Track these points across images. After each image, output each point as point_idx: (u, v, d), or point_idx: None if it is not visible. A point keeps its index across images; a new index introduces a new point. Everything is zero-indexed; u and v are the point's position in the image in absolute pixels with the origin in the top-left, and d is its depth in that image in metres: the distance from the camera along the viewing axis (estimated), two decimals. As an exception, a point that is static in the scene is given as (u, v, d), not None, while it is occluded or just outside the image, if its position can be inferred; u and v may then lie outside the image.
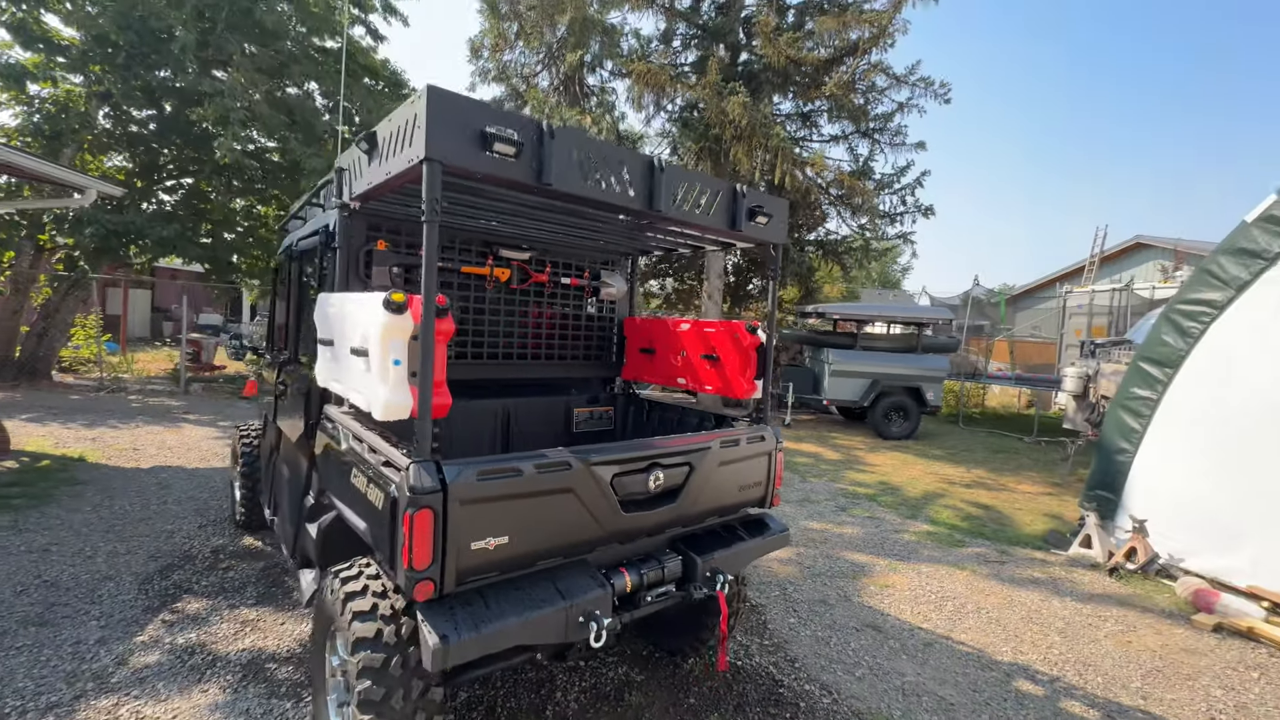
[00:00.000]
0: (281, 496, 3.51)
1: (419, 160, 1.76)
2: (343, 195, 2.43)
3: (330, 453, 2.54)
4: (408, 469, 1.79)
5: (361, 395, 2.03)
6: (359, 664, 1.94)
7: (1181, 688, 3.21)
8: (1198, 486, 4.69)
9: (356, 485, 2.14)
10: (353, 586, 2.11)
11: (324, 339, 2.43)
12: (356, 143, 2.19)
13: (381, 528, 1.91)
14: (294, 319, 3.46)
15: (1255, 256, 4.45)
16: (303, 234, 3.27)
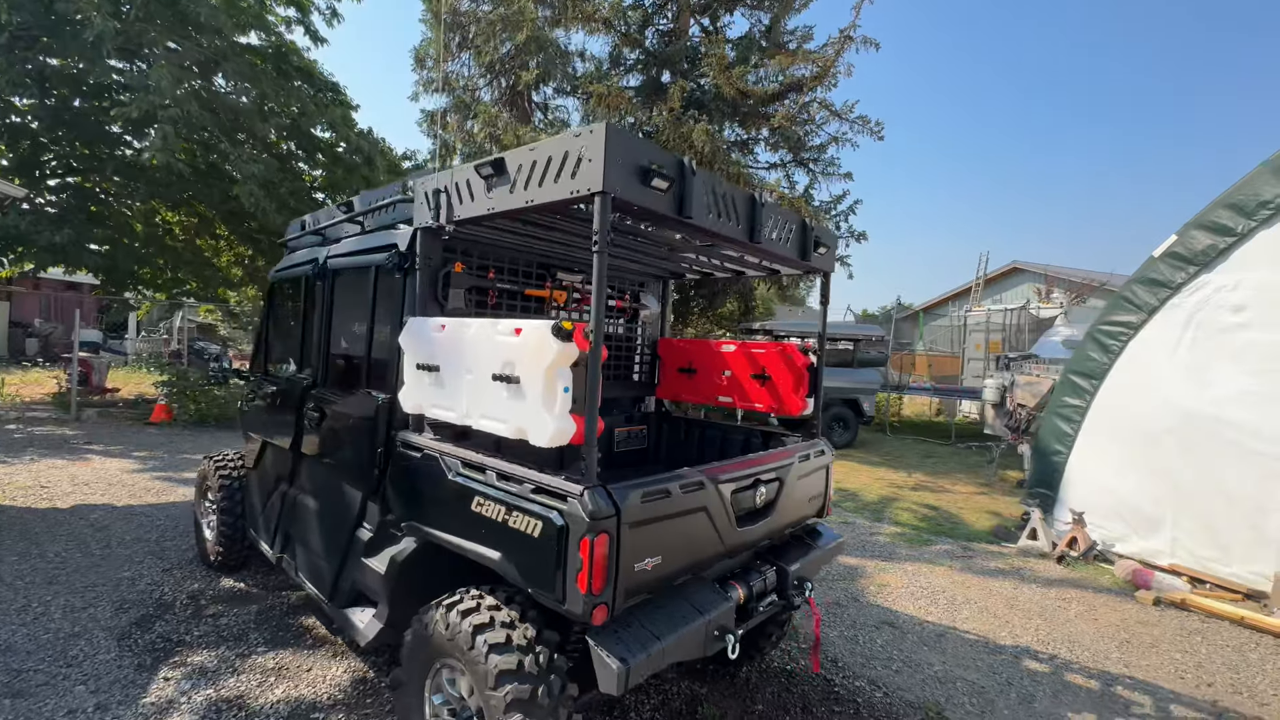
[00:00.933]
0: (305, 532, 3.27)
1: (591, 192, 1.81)
2: (440, 216, 2.38)
3: (417, 481, 2.44)
4: (583, 495, 1.80)
5: (506, 423, 2.01)
6: (507, 698, 1.90)
7: (1149, 655, 3.75)
8: (1123, 481, 5.48)
9: (483, 514, 2.10)
10: (479, 619, 2.06)
11: (424, 364, 2.36)
12: (477, 168, 2.18)
13: (536, 555, 1.90)
14: (322, 340, 3.26)
15: (1162, 286, 5.31)
16: (345, 251, 3.11)
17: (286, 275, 3.81)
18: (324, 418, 3.08)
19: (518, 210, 2.11)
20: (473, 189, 2.27)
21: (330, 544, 3.03)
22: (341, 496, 2.96)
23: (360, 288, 3.01)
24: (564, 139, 1.91)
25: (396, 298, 2.70)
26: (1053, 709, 3.10)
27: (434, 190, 2.42)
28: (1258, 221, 4.72)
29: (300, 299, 3.55)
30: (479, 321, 2.16)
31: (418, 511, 2.45)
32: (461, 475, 2.22)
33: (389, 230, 2.87)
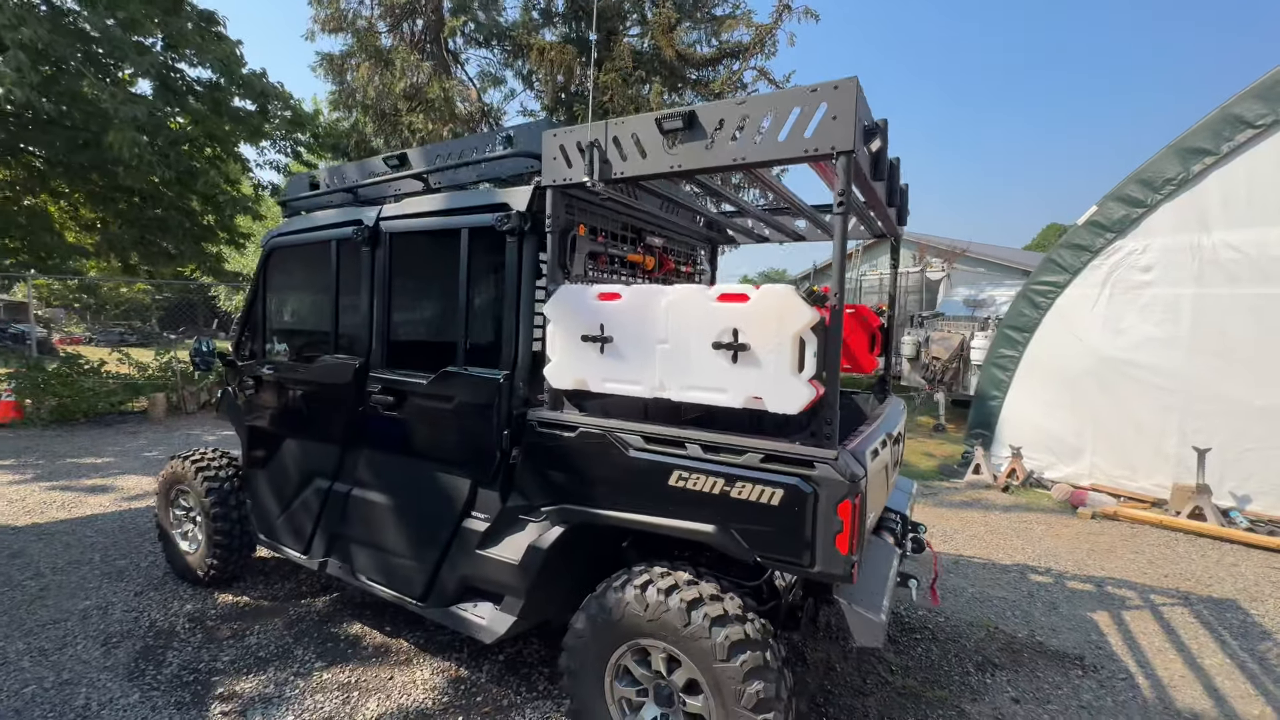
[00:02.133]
0: (374, 531, 2.91)
1: (837, 151, 1.76)
2: (594, 174, 2.17)
3: (571, 461, 2.27)
4: (838, 459, 1.80)
5: (727, 392, 1.93)
6: (744, 667, 1.90)
7: (1112, 558, 4.52)
8: (1050, 418, 6.41)
9: (687, 488, 2.01)
10: (687, 594, 2.01)
11: (590, 335, 2.17)
12: (661, 122, 2.01)
13: (776, 523, 1.87)
14: (380, 314, 2.86)
15: (1084, 250, 6.19)
16: (416, 211, 2.73)
17: (300, 240, 3.26)
18: (402, 403, 2.73)
19: (714, 169, 1.99)
20: (644, 145, 2.09)
21: (422, 541, 2.74)
22: (438, 487, 2.68)
23: (442, 253, 2.67)
24: (793, 94, 1.82)
25: (511, 263, 2.44)
26: (1075, 610, 3.66)
27: (584, 144, 2.19)
28: (1163, 195, 5.64)
29: (330, 268, 3.07)
30: (678, 289, 2.03)
31: (572, 493, 2.29)
32: (646, 451, 2.11)
33: (488, 189, 2.57)
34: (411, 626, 3.33)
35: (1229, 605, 3.79)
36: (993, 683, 2.91)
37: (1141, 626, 3.50)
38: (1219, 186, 5.36)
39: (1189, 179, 5.49)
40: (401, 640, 3.21)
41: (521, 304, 2.44)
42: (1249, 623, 3.57)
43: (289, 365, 3.31)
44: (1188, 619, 3.60)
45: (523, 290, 2.44)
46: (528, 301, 2.45)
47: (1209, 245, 5.41)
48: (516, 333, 2.45)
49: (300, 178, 3.47)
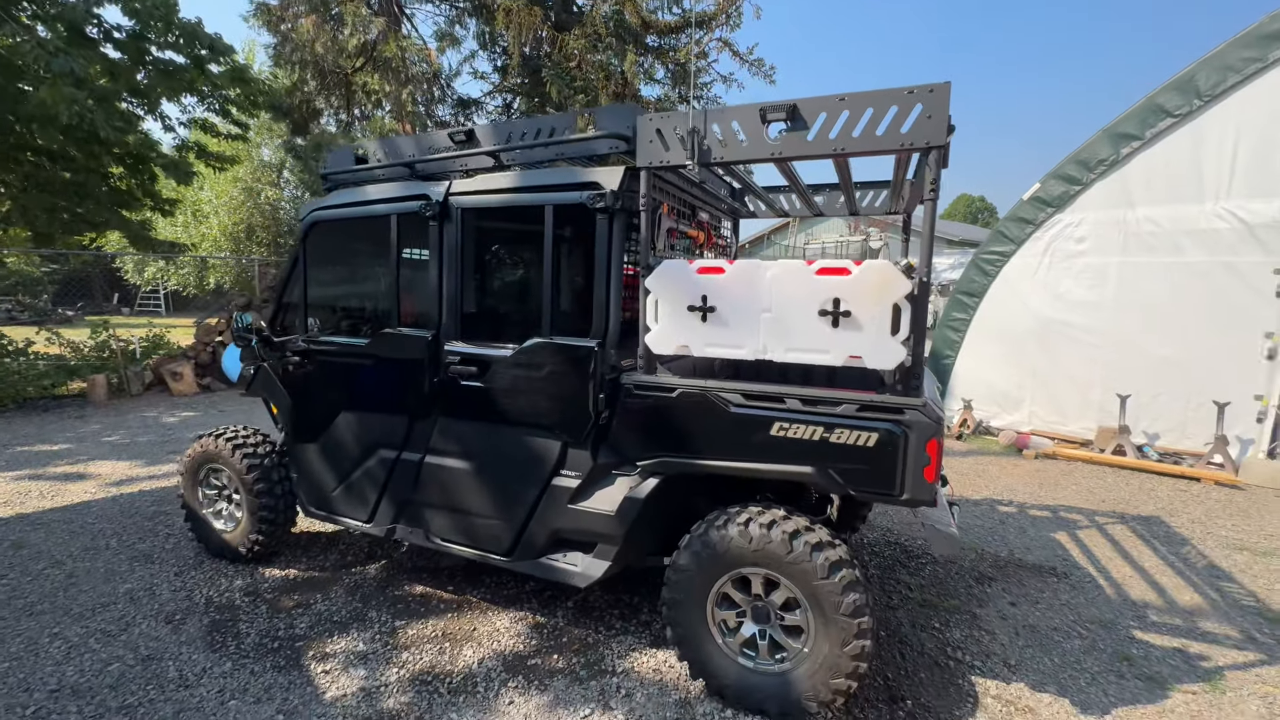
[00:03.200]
0: (454, 496, 3.05)
1: (930, 145, 2.07)
2: (694, 158, 2.38)
3: (671, 419, 2.53)
4: (926, 405, 2.16)
5: (829, 353, 2.24)
6: (843, 581, 2.27)
7: (1059, 490, 5.30)
8: (996, 373, 7.23)
9: (787, 436, 2.33)
10: (789, 526, 2.36)
11: (695, 305, 2.42)
12: (764, 112, 2.25)
13: (871, 462, 2.23)
14: (452, 288, 2.95)
15: (1027, 222, 6.93)
16: (495, 188, 2.83)
17: (350, 215, 3.26)
18: (485, 373, 2.87)
19: (813, 156, 2.26)
20: (745, 132, 2.32)
21: (508, 500, 2.93)
22: (526, 449, 2.86)
23: (522, 229, 2.81)
24: (892, 94, 2.10)
25: (602, 239, 2.62)
26: (1040, 533, 4.34)
27: (684, 129, 2.39)
28: (1096, 175, 6.40)
29: (390, 242, 3.11)
30: (780, 264, 2.30)
31: (672, 446, 2.56)
32: (747, 406, 2.41)
33: (573, 167, 2.71)
34: (473, 584, 3.52)
35: (1154, 521, 4.61)
36: (992, 593, 3.48)
37: (1092, 541, 4.22)
38: (1142, 168, 6.16)
39: (1118, 160, 6.26)
40: (469, 596, 3.40)
41: (612, 277, 2.64)
42: (1170, 533, 4.37)
43: (344, 340, 3.34)
44: (1125, 533, 4.36)
45: (613, 264, 2.63)
46: (617, 275, 2.64)
47: (1132, 219, 6.23)
48: (607, 304, 2.64)
49: (343, 152, 3.43)
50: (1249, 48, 5.51)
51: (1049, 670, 2.79)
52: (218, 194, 18.89)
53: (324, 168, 3.45)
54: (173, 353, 9.97)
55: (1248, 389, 5.63)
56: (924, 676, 2.73)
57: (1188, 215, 5.93)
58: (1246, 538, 4.30)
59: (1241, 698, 2.62)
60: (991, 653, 2.91)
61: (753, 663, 2.48)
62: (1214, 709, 2.55)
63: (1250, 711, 2.54)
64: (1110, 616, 3.24)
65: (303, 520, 4.26)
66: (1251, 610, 3.35)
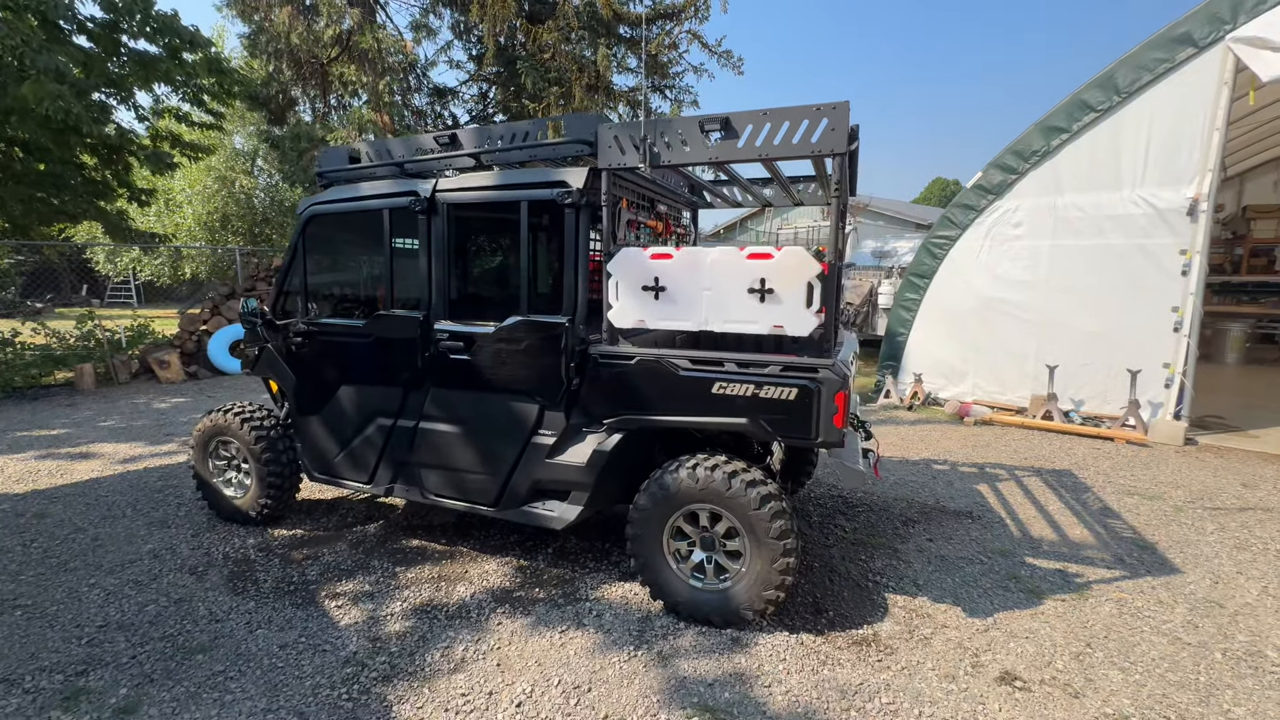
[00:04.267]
0: (445, 456, 3.49)
1: (835, 152, 2.55)
2: (645, 160, 2.82)
3: (631, 383, 3.00)
4: (834, 365, 2.66)
5: (757, 323, 2.73)
6: (771, 510, 2.77)
7: (989, 451, 5.91)
8: (943, 349, 7.83)
9: (726, 393, 2.81)
10: (729, 468, 2.85)
11: (648, 286, 2.88)
12: (703, 124, 2.70)
13: (793, 413, 2.72)
14: (441, 274, 3.37)
15: (970, 209, 7.49)
16: (476, 186, 3.24)
17: (345, 209, 3.64)
18: (471, 347, 3.31)
19: (742, 159, 2.72)
20: (688, 140, 2.77)
21: (494, 457, 3.38)
22: (508, 413, 3.31)
23: (500, 221, 3.23)
24: (802, 109, 2.57)
25: (570, 230, 3.06)
26: (966, 485, 4.93)
27: (636, 137, 2.83)
28: (1030, 164, 6.97)
29: (383, 234, 3.50)
30: (718, 250, 2.77)
31: (632, 406, 3.03)
32: (692, 370, 2.88)
33: (545, 168, 3.13)
34: (463, 537, 3.99)
35: (1065, 474, 5.23)
36: (914, 532, 4.04)
37: (1009, 491, 4.82)
38: (1070, 158, 6.74)
39: (1049, 151, 6.83)
40: (460, 547, 3.87)
41: (579, 263, 3.08)
42: (1078, 483, 5.00)
43: (343, 321, 3.74)
44: (1038, 484, 4.98)
45: (580, 252, 3.08)
46: (584, 261, 3.09)
47: (1061, 205, 6.83)
48: (576, 286, 3.09)
49: (337, 151, 3.80)
50: (1159, 49, 6.08)
51: (949, 588, 3.35)
52: (190, 183, 18.75)
53: (319, 166, 3.82)
54: (158, 342, 10.15)
55: (1159, 358, 6.29)
56: (846, 595, 3.27)
57: (1108, 201, 6.53)
58: (1140, 485, 4.94)
59: (1100, 602, 3.21)
60: (904, 576, 3.46)
61: (701, 583, 2.98)
62: (1075, 610, 3.13)
63: (1104, 611, 3.13)
64: (1009, 548, 3.82)
65: (305, 489, 4.67)
66: (1128, 540, 3.96)
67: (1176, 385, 6.19)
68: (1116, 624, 3.02)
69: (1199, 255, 6.04)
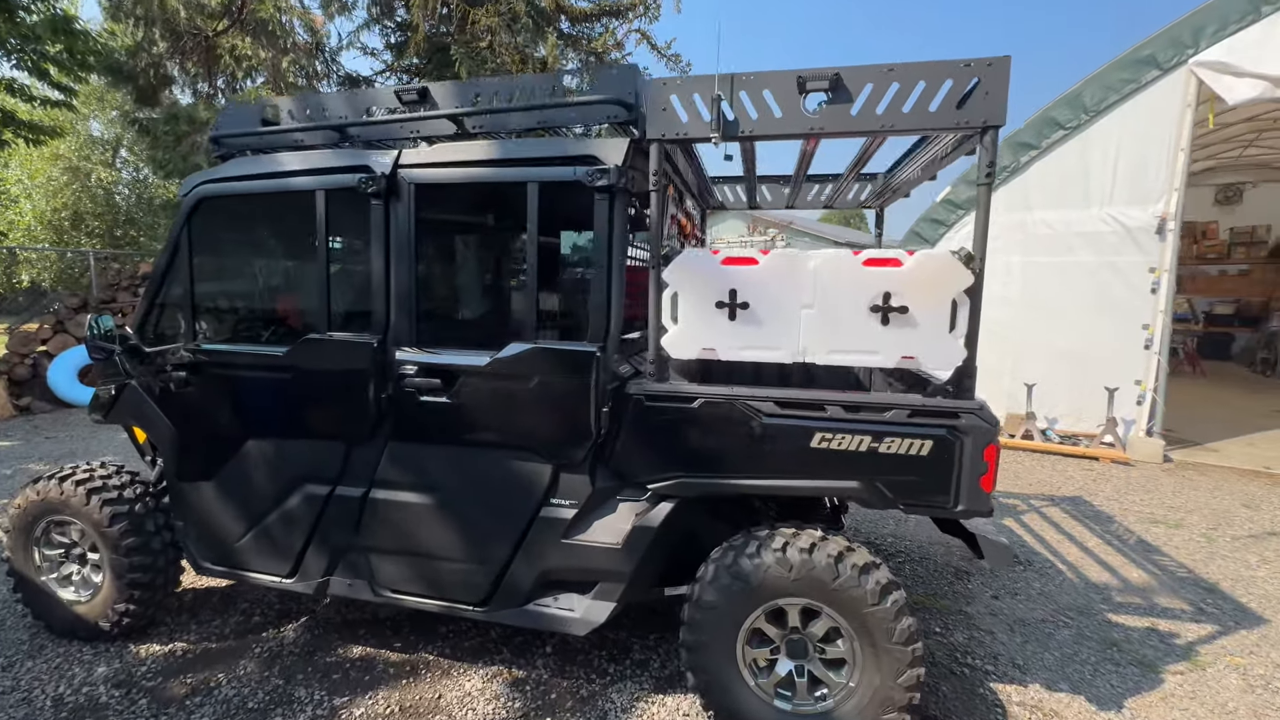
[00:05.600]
0: (412, 537, 2.49)
1: (987, 125, 1.89)
2: (719, 130, 2.04)
3: (691, 433, 2.19)
4: (982, 409, 1.99)
5: (879, 354, 2.01)
6: (895, 604, 2.05)
7: (989, 476, 5.59)
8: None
9: (831, 448, 2.07)
10: (831, 549, 2.10)
11: (724, 302, 2.08)
12: (804, 81, 1.96)
13: (924, 472, 2.02)
14: (402, 282, 2.39)
15: (940, 224, 7.33)
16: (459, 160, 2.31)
17: (255, 189, 2.57)
18: (453, 386, 2.35)
19: (853, 132, 2.01)
20: (780, 103, 2.02)
21: (483, 539, 2.43)
22: (506, 476, 2.38)
23: (496, 210, 2.33)
24: (944, 65, 1.90)
25: (602, 224, 2.21)
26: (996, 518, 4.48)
27: (705, 98, 2.05)
28: (999, 180, 6.88)
29: (316, 225, 2.47)
30: (824, 253, 2.02)
31: (692, 465, 2.21)
32: (782, 416, 2.11)
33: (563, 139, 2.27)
34: (426, 636, 2.95)
35: (1079, 501, 4.96)
36: (973, 589, 3.48)
37: (1037, 526, 4.43)
38: (1038, 175, 6.71)
39: (1019, 168, 6.77)
40: (424, 653, 2.84)
41: (613, 269, 2.24)
42: (1097, 512, 4.71)
43: (250, 349, 2.64)
44: (1060, 515, 4.64)
45: (614, 254, 2.24)
46: (620, 266, 2.25)
47: (1031, 222, 6.77)
48: (608, 300, 2.25)
49: (242, 109, 2.70)
50: (1125, 70, 6.15)
51: (1053, 665, 2.78)
52: (31, 173, 15.64)
53: (216, 129, 2.70)
54: (-25, 367, 7.97)
55: (1131, 375, 6.30)
56: (946, 690, 2.60)
57: (1078, 219, 6.53)
58: (1155, 511, 4.74)
59: (1220, 672, 2.75)
60: (998, 655, 2.86)
61: (790, 704, 2.20)
62: (1201, 686, 2.65)
63: (1231, 685, 2.67)
64: (1083, 602, 3.34)
65: (189, 576, 3.40)
66: (1189, 582, 3.61)
67: (1149, 402, 6.21)
68: (1254, 701, 2.56)
69: (1167, 273, 6.11)
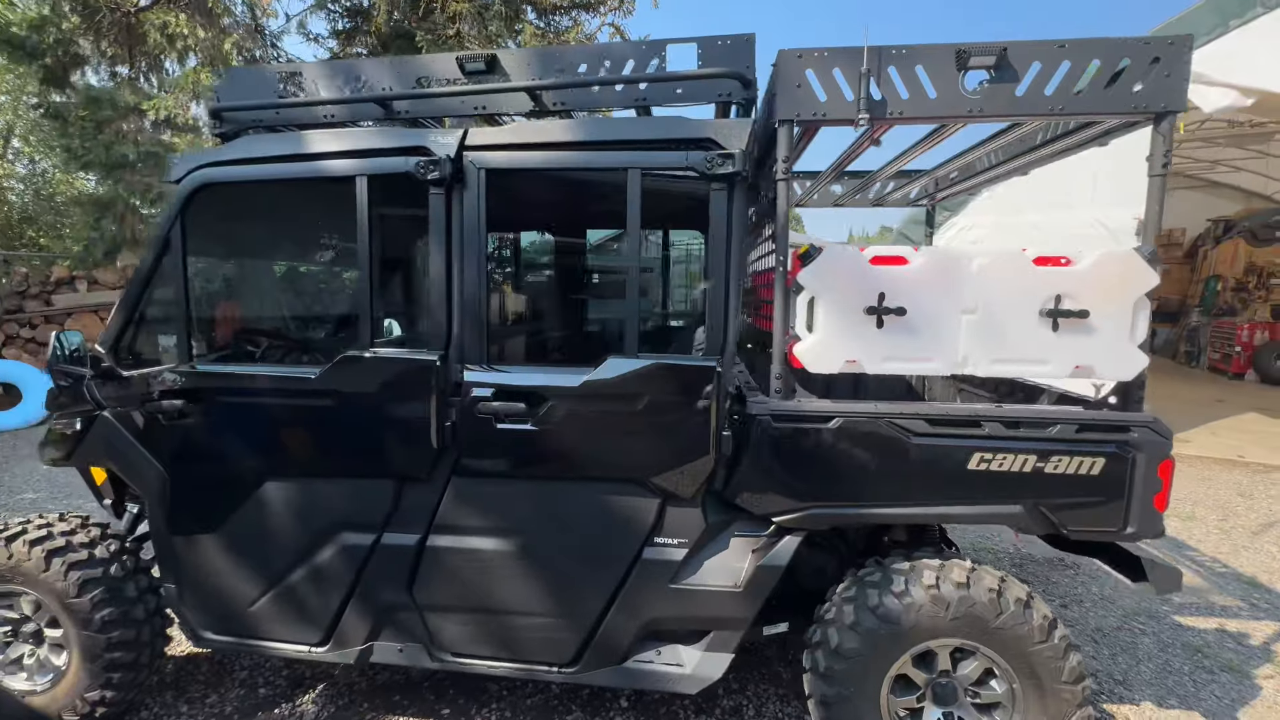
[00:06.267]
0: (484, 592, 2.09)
1: (1166, 110, 1.72)
2: (864, 110, 1.78)
3: (827, 457, 1.91)
4: (1155, 420, 1.81)
5: (1049, 364, 1.80)
6: (1063, 644, 1.85)
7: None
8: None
9: (990, 469, 1.84)
10: (989, 581, 1.89)
11: (874, 307, 1.81)
12: (964, 54, 1.73)
13: (1096, 492, 1.83)
14: (464, 287, 2.00)
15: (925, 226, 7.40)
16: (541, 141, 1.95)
17: (276, 175, 2.10)
18: (545, 410, 1.97)
19: (1020, 116, 1.80)
20: (936, 82, 1.78)
21: (576, 587, 2.07)
22: (603, 514, 2.03)
23: (587, 201, 1.98)
24: (1122, 43, 1.72)
25: (719, 218, 1.90)
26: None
27: (851, 73, 1.78)
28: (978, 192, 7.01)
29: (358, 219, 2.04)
30: (988, 250, 1.79)
31: (830, 494, 1.94)
32: (935, 436, 1.87)
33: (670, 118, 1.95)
34: (474, 697, 2.54)
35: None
36: (1036, 596, 3.38)
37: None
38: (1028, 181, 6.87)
39: (1003, 170, 6.92)
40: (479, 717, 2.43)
41: (732, 270, 1.94)
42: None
43: (272, 371, 2.16)
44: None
45: (733, 254, 1.94)
46: (739, 267, 1.96)
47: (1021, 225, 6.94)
48: (726, 306, 1.94)
49: (247, 77, 2.22)
50: (1104, 77, 6.39)
51: (1153, 679, 2.69)
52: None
53: (217, 100, 2.20)
54: None
55: (1110, 371, 6.54)
56: (1062, 716, 2.45)
57: (1063, 221, 6.73)
58: (1164, 504, 4.87)
59: (1307, 674, 2.75)
60: (1096, 670, 2.74)
61: (941, 757, 1.96)
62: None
63: (1324, 687, 2.65)
64: (1145, 605, 3.30)
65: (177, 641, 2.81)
66: (1229, 576, 3.67)
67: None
68: (1351, 703, 2.55)
69: (1145, 273, 6.38)
